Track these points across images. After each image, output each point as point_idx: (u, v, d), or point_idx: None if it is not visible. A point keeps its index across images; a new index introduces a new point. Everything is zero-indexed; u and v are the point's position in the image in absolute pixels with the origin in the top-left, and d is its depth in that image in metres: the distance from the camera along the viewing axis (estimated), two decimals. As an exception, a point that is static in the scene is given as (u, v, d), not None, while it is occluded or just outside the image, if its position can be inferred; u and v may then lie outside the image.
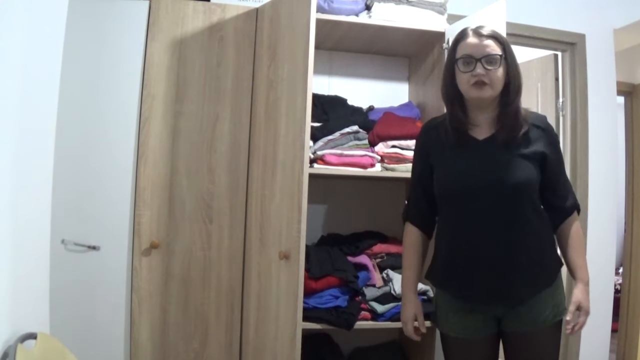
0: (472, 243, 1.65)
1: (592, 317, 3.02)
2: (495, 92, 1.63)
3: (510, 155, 1.63)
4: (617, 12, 3.23)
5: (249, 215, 2.40)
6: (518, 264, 1.61)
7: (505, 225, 1.61)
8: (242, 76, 2.45)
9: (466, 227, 1.66)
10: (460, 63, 1.63)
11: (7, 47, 1.39)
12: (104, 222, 2.30)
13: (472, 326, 1.69)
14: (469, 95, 1.65)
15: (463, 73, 1.63)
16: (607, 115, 3.19)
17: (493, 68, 1.60)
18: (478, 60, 1.60)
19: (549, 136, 1.69)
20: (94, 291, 2.27)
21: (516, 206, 1.62)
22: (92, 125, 2.31)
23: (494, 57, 1.60)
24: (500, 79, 1.62)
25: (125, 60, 2.35)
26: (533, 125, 1.67)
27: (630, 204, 3.97)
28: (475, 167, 1.65)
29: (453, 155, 1.70)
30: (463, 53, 1.63)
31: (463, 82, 1.64)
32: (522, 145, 1.64)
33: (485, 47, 1.61)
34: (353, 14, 2.39)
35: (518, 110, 1.66)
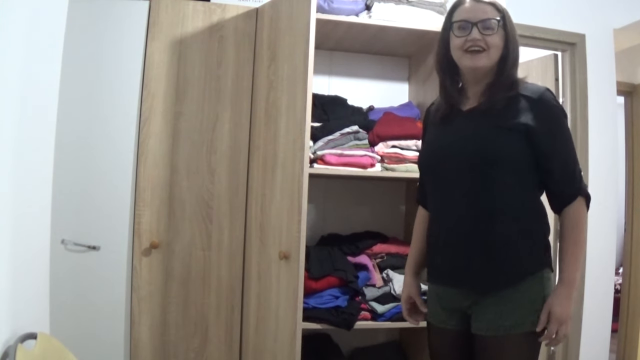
0: (438, 221, 1.59)
1: (592, 317, 3.05)
2: (491, 61, 1.51)
3: (488, 126, 1.50)
4: (617, 12, 3.23)
5: (249, 215, 2.40)
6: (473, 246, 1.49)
7: (468, 202, 1.50)
8: (242, 76, 2.45)
9: (435, 204, 1.61)
10: (456, 28, 1.53)
11: (7, 47, 1.39)
12: (104, 222, 2.30)
13: (439, 314, 1.62)
14: (461, 64, 1.54)
15: (457, 38, 1.52)
16: (607, 115, 3.19)
17: (490, 33, 1.49)
18: (474, 24, 1.49)
19: (542, 108, 1.50)
20: (94, 291, 2.27)
21: (484, 182, 1.48)
22: (92, 125, 2.31)
23: (491, 22, 1.50)
24: (498, 46, 1.51)
25: (125, 60, 2.36)
26: (522, 95, 1.51)
27: (630, 204, 3.97)
28: (447, 140, 1.56)
29: (436, 130, 1.63)
30: (459, 17, 1.53)
31: (456, 48, 1.53)
32: (505, 116, 1.49)
33: (482, 12, 1.51)
34: (353, 14, 2.39)
35: (513, 81, 1.53)
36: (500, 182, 1.49)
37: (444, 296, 1.60)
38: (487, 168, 1.48)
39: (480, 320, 1.50)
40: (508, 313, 1.46)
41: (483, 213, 1.49)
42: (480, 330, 1.50)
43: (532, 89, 1.53)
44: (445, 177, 1.56)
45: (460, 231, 1.52)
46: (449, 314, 1.59)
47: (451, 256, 1.54)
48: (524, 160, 1.50)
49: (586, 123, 3.11)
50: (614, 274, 3.18)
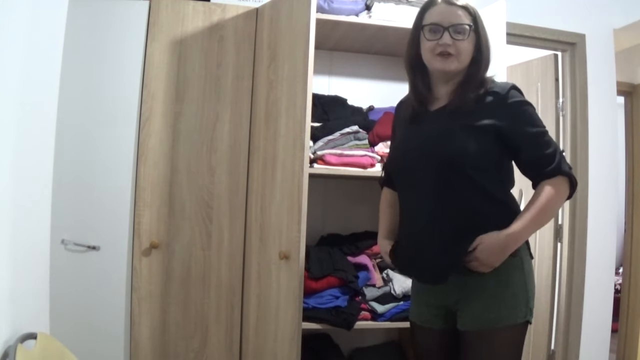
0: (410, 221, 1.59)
1: (592, 317, 3.04)
2: (461, 65, 1.52)
3: (455, 125, 1.49)
4: (617, 12, 3.23)
5: (249, 215, 2.40)
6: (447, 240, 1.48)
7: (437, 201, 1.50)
8: (242, 76, 2.45)
9: (406, 204, 1.62)
10: (427, 31, 1.52)
11: (7, 47, 1.39)
12: (104, 222, 2.30)
13: (425, 314, 1.61)
14: (432, 66, 1.54)
15: (428, 41, 1.52)
16: (607, 115, 3.19)
17: (461, 38, 1.50)
18: (445, 29, 1.49)
19: (508, 101, 1.50)
20: (94, 291, 2.27)
21: (451, 181, 1.48)
22: (92, 125, 2.31)
23: (463, 27, 1.50)
24: (468, 51, 1.52)
25: (126, 60, 2.36)
26: (490, 92, 1.51)
27: (630, 204, 3.97)
28: (415, 141, 1.57)
29: (405, 130, 1.64)
30: (430, 20, 1.52)
31: (427, 51, 1.53)
32: (472, 115, 1.49)
33: (454, 16, 1.50)
34: (353, 14, 2.39)
35: (482, 81, 1.53)
36: (468, 181, 1.48)
37: (428, 295, 1.60)
38: (454, 167, 1.48)
39: (466, 316, 1.51)
40: (493, 306, 1.47)
41: (452, 211, 1.49)
42: (466, 325, 1.51)
43: (499, 86, 1.54)
44: (414, 177, 1.56)
45: (432, 230, 1.51)
46: (435, 313, 1.59)
47: (427, 254, 1.53)
48: (491, 159, 1.50)
49: (586, 123, 3.11)
50: (614, 274, 3.18)
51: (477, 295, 1.50)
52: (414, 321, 1.67)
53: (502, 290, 1.49)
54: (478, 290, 1.50)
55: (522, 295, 1.50)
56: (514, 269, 1.50)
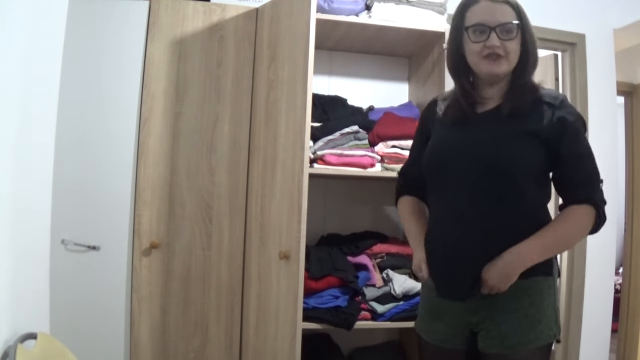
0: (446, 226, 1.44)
1: (592, 317, 3.04)
2: (510, 67, 1.42)
3: (510, 130, 1.40)
4: (617, 12, 3.23)
5: (249, 215, 2.40)
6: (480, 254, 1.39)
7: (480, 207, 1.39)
8: (242, 76, 2.45)
9: (442, 206, 1.47)
10: (471, 32, 1.41)
11: (7, 47, 1.39)
12: (104, 222, 2.30)
13: (441, 332, 1.49)
14: (479, 69, 1.43)
15: (474, 43, 1.40)
16: (607, 115, 3.19)
17: (509, 38, 1.39)
18: (492, 29, 1.38)
19: (562, 114, 1.41)
20: (94, 291, 2.27)
21: (505, 189, 1.38)
22: (92, 125, 2.31)
23: (511, 26, 1.39)
24: (516, 51, 1.41)
25: (125, 60, 2.36)
26: (544, 101, 1.43)
27: (630, 204, 3.97)
28: (460, 142, 1.44)
29: (448, 131, 1.50)
30: (475, 21, 1.40)
31: (473, 54, 1.42)
32: (524, 121, 1.40)
33: (500, 14, 1.39)
34: (353, 14, 2.39)
35: (530, 83, 1.46)
36: (515, 188, 1.39)
37: (448, 311, 1.47)
38: (505, 172, 1.38)
39: (494, 337, 1.39)
40: (526, 327, 1.38)
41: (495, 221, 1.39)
42: (493, 347, 1.39)
43: (551, 95, 1.47)
44: (456, 179, 1.43)
45: (471, 240, 1.39)
46: (454, 332, 1.47)
47: (462, 267, 1.40)
48: (541, 169, 1.42)
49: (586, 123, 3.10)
50: (614, 274, 3.18)
51: (508, 315, 1.39)
52: (428, 340, 1.53)
53: (535, 311, 1.39)
54: (509, 310, 1.39)
55: (553, 315, 1.42)
56: (548, 288, 1.42)
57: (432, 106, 1.63)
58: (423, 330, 1.56)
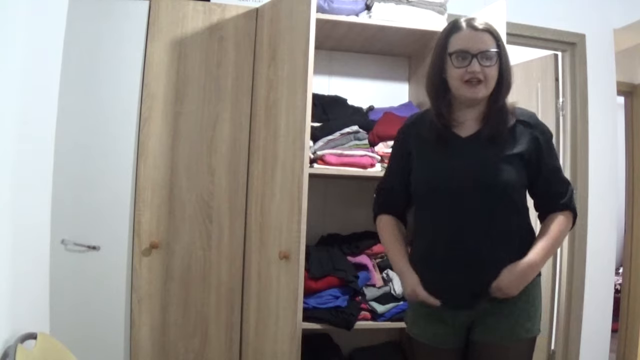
0: (450, 243, 1.53)
1: (592, 317, 3.04)
2: (488, 91, 1.53)
3: (494, 156, 1.53)
4: (617, 12, 3.23)
5: (249, 215, 2.40)
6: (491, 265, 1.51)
7: (484, 226, 1.51)
8: (242, 76, 2.45)
9: (444, 227, 1.55)
10: (454, 58, 1.51)
11: (7, 48, 1.39)
12: (104, 222, 2.30)
13: (441, 335, 1.58)
14: (460, 93, 1.53)
15: (457, 68, 1.51)
16: (607, 115, 3.19)
17: (489, 65, 1.50)
18: (474, 55, 1.48)
19: (537, 133, 1.56)
20: (94, 291, 2.27)
21: (497, 208, 1.52)
22: (92, 125, 2.31)
23: (491, 53, 1.49)
24: (494, 76, 1.52)
25: (125, 60, 2.36)
26: (519, 121, 1.56)
27: (630, 204, 3.97)
28: (458, 166, 1.54)
29: (434, 153, 1.59)
30: (457, 47, 1.51)
31: (455, 78, 1.52)
32: (507, 144, 1.53)
33: (481, 42, 1.50)
34: (353, 14, 2.39)
35: (505, 106, 1.57)
36: (510, 206, 1.54)
37: (448, 315, 1.56)
38: (499, 194, 1.52)
39: (492, 330, 1.52)
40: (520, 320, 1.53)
41: (489, 235, 1.52)
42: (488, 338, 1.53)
43: (524, 114, 1.60)
44: (456, 203, 1.53)
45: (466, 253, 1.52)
46: (453, 332, 1.57)
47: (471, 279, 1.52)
48: (524, 186, 1.57)
49: (586, 123, 3.11)
50: (614, 274, 3.18)
51: (502, 309, 1.53)
52: (425, 342, 1.61)
53: (529, 305, 1.55)
54: (507, 306, 1.53)
55: (539, 310, 1.59)
56: (536, 285, 1.58)
57: (407, 129, 1.70)
58: (421, 335, 1.63)
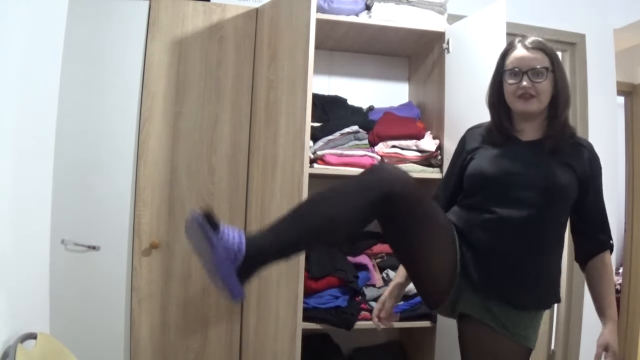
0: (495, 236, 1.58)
1: (593, 317, 3.03)
2: (542, 105, 1.62)
3: (553, 160, 1.60)
4: (617, 12, 3.23)
5: (249, 215, 2.40)
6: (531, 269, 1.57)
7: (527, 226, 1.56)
8: (242, 76, 2.45)
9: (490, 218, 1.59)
10: (507, 74, 1.64)
11: (7, 47, 1.39)
12: (104, 222, 2.30)
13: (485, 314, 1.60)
14: (514, 107, 1.65)
15: (510, 85, 1.64)
16: (607, 115, 3.19)
17: (539, 81, 1.60)
18: (524, 72, 1.60)
19: (594, 159, 1.66)
20: (94, 291, 2.27)
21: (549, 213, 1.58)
22: (92, 125, 2.31)
23: (540, 70, 1.60)
24: (547, 91, 1.61)
25: (125, 60, 2.36)
26: (579, 143, 1.67)
27: (630, 204, 3.97)
28: (515, 164, 1.62)
29: (494, 150, 1.68)
30: (511, 65, 1.64)
31: (509, 94, 1.64)
32: (567, 155, 1.62)
33: (531, 60, 1.61)
34: (353, 14, 2.39)
35: (566, 122, 1.65)
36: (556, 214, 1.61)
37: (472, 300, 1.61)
38: (554, 196, 1.58)
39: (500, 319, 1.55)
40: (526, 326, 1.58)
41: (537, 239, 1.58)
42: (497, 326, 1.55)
43: (582, 139, 1.71)
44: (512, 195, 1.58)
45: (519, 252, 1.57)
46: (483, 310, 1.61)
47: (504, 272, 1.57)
48: (572, 198, 1.62)
49: (586, 123, 3.11)
50: (614, 274, 3.17)
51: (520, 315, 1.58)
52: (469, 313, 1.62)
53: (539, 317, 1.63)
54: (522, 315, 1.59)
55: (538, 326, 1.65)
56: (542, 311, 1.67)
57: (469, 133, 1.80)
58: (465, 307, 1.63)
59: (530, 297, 1.58)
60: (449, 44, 2.38)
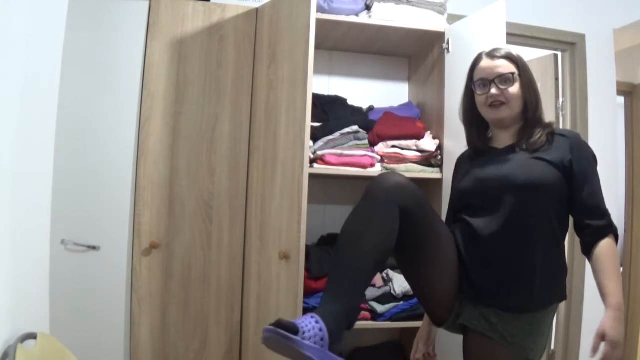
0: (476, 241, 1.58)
1: (593, 317, 3.04)
2: (513, 111, 1.64)
3: (528, 157, 1.59)
4: (617, 12, 3.23)
5: (249, 215, 2.40)
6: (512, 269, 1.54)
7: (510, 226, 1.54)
8: (242, 76, 2.45)
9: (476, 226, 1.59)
10: (477, 86, 1.67)
11: (7, 47, 1.39)
12: (104, 222, 2.30)
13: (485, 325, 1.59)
14: (488, 117, 1.68)
15: (480, 96, 1.67)
16: (607, 115, 3.19)
17: (507, 87, 1.62)
18: (491, 81, 1.63)
19: (576, 146, 1.61)
20: (94, 291, 2.27)
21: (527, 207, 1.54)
22: (92, 125, 2.31)
23: (507, 76, 1.62)
24: (517, 96, 1.63)
25: (125, 60, 2.36)
26: (559, 135, 1.64)
27: (630, 204, 3.97)
28: (492, 169, 1.63)
29: (474, 165, 1.71)
30: (478, 77, 1.67)
31: (481, 105, 1.67)
32: (544, 151, 1.59)
33: (497, 68, 1.63)
34: (353, 14, 2.39)
35: (539, 122, 1.65)
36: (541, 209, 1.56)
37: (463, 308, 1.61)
38: (529, 189, 1.54)
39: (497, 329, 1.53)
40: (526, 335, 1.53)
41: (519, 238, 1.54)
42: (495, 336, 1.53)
43: (565, 131, 1.69)
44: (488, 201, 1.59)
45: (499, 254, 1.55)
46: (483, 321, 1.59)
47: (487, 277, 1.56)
48: (562, 192, 1.58)
49: (586, 123, 3.11)
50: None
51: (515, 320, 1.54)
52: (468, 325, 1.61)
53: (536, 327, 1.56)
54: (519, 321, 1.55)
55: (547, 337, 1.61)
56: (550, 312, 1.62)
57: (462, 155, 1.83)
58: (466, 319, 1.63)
59: (514, 298, 1.53)
60: (449, 44, 2.38)
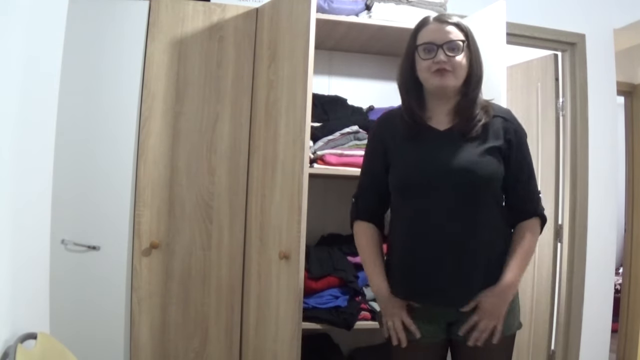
0: (431, 238, 1.52)
1: (592, 317, 3.04)
2: (458, 81, 1.54)
3: (474, 148, 1.52)
4: (617, 12, 3.23)
5: (249, 215, 2.40)
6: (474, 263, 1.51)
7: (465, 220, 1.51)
8: (242, 76, 2.45)
9: (425, 223, 1.54)
10: (421, 50, 1.54)
11: (7, 47, 1.39)
12: (104, 222, 2.30)
13: (431, 332, 1.59)
14: (429, 84, 1.56)
15: (424, 60, 1.54)
16: (607, 115, 3.19)
17: (455, 55, 1.52)
18: (439, 46, 1.51)
19: (513, 129, 1.58)
20: (94, 291, 2.27)
21: (479, 201, 1.52)
22: (92, 125, 2.31)
23: (456, 44, 1.52)
24: (463, 66, 1.54)
25: (125, 60, 2.35)
26: (496, 116, 1.57)
27: (630, 204, 3.97)
28: (437, 158, 1.54)
29: (412, 147, 1.59)
30: (424, 40, 1.54)
31: (423, 70, 1.55)
32: (483, 138, 1.54)
33: (447, 33, 1.53)
34: (353, 14, 2.39)
35: (476, 100, 1.57)
36: (491, 200, 1.55)
37: (433, 314, 1.58)
38: (481, 187, 1.52)
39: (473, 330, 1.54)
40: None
41: (471, 230, 1.51)
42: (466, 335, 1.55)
43: (501, 110, 1.62)
44: (437, 196, 1.52)
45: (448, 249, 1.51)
46: (440, 327, 1.60)
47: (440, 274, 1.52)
48: (501, 179, 1.56)
49: (586, 123, 3.11)
50: (614, 274, 3.18)
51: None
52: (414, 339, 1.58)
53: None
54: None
55: (517, 308, 1.63)
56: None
57: (381, 127, 1.70)
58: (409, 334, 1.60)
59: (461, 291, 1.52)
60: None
